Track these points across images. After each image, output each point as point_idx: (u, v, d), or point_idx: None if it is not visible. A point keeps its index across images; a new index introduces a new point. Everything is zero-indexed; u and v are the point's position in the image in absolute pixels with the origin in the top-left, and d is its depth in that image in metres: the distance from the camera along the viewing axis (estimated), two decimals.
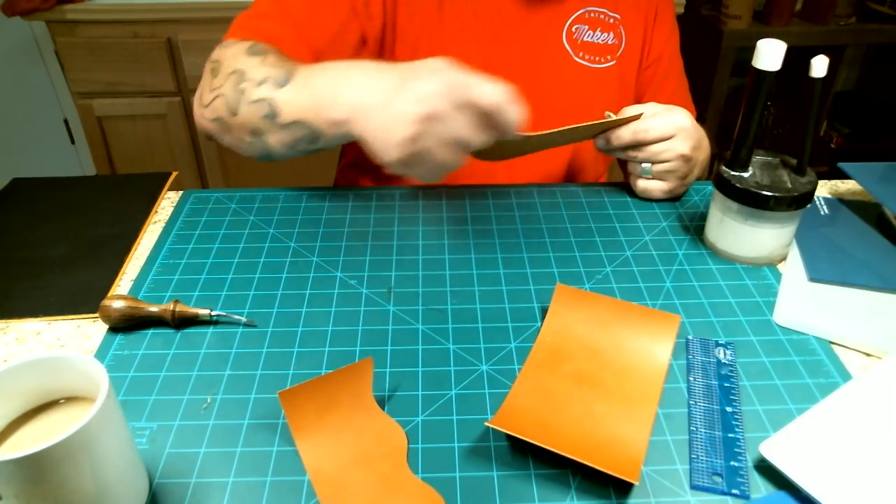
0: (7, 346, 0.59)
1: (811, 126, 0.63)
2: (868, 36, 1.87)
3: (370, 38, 0.77)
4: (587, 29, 0.84)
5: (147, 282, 0.65)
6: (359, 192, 0.79)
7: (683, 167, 0.73)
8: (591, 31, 0.84)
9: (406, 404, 0.53)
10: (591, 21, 0.84)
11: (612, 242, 0.71)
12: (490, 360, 0.57)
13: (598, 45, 0.84)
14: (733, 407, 0.52)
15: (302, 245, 0.71)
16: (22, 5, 1.50)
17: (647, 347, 0.56)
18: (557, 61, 0.84)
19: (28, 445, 0.36)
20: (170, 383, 0.55)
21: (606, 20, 0.84)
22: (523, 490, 0.46)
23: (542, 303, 0.63)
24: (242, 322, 0.61)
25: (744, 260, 0.68)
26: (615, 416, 0.51)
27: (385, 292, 0.64)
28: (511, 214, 0.75)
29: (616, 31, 0.85)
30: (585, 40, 0.84)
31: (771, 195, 0.62)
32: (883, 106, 2.13)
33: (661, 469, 0.48)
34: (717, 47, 1.82)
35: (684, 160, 0.72)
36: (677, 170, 0.73)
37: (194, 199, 0.78)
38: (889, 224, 0.73)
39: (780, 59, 0.60)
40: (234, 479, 0.47)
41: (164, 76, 1.64)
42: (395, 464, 0.48)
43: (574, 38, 0.83)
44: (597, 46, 0.84)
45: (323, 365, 0.56)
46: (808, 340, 0.59)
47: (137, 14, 1.55)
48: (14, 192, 0.80)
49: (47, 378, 0.43)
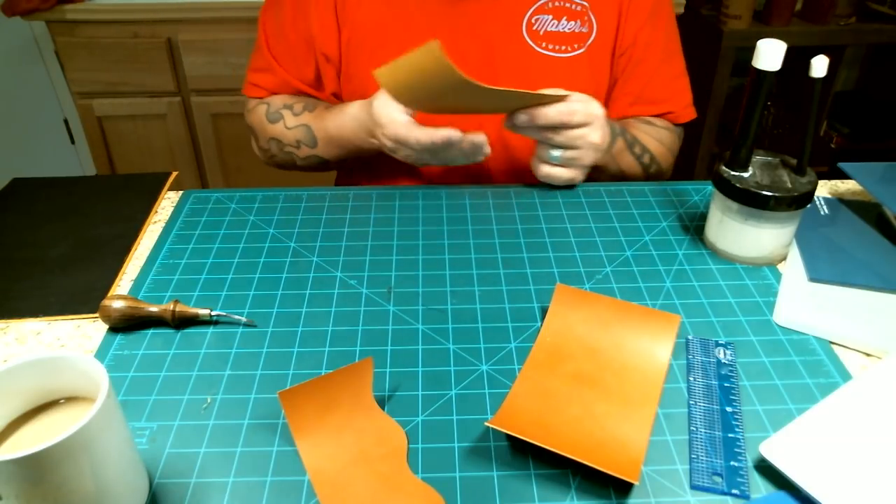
0: (7, 346, 0.59)
1: (811, 126, 0.63)
2: (868, 36, 1.87)
3: (331, 56, 0.86)
4: (551, 19, 0.83)
5: (147, 282, 0.65)
6: (359, 192, 0.79)
7: (592, 156, 0.76)
8: (556, 21, 0.84)
9: (406, 404, 0.53)
10: (554, 10, 0.83)
11: (612, 242, 0.71)
12: (490, 360, 0.57)
13: (564, 34, 0.84)
14: (733, 407, 0.52)
15: (302, 245, 0.71)
16: (22, 5, 1.50)
17: (647, 347, 0.56)
18: (519, 54, 0.84)
19: (28, 445, 0.36)
20: (170, 383, 0.55)
21: (573, 8, 0.84)
22: (523, 490, 0.46)
23: (542, 303, 0.63)
24: (242, 322, 0.61)
25: (744, 260, 0.68)
26: (615, 416, 0.51)
27: (385, 292, 0.64)
28: (511, 214, 0.75)
29: (584, 19, 0.84)
30: (549, 30, 0.83)
31: (771, 195, 0.62)
32: (883, 106, 2.13)
33: (661, 469, 0.48)
34: (717, 47, 1.81)
35: (595, 149, 0.75)
36: (585, 157, 0.76)
37: (194, 199, 0.78)
38: (889, 224, 0.73)
39: (780, 59, 0.60)
40: (234, 479, 0.47)
41: (164, 76, 1.64)
42: (395, 464, 0.48)
43: (535, 30, 0.83)
44: (563, 35, 0.84)
45: (323, 365, 0.56)
46: (808, 340, 0.59)
47: (137, 14, 1.55)
48: (14, 192, 0.80)
49: (47, 378, 0.43)
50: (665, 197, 0.79)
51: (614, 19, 0.85)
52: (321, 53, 0.86)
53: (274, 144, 0.89)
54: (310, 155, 0.87)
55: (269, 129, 0.89)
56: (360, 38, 0.84)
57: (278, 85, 0.90)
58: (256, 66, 0.92)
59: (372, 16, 0.83)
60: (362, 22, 0.83)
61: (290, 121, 0.87)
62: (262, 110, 0.90)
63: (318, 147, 0.86)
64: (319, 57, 0.87)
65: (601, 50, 0.86)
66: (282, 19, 0.87)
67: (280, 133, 0.88)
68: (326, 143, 0.85)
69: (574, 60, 0.85)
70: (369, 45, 0.84)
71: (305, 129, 0.86)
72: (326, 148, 0.85)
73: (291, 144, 0.87)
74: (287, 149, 0.88)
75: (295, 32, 0.86)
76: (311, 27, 0.85)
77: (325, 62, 0.87)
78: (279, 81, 0.90)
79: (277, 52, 0.89)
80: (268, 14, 0.89)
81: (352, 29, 0.84)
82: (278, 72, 0.89)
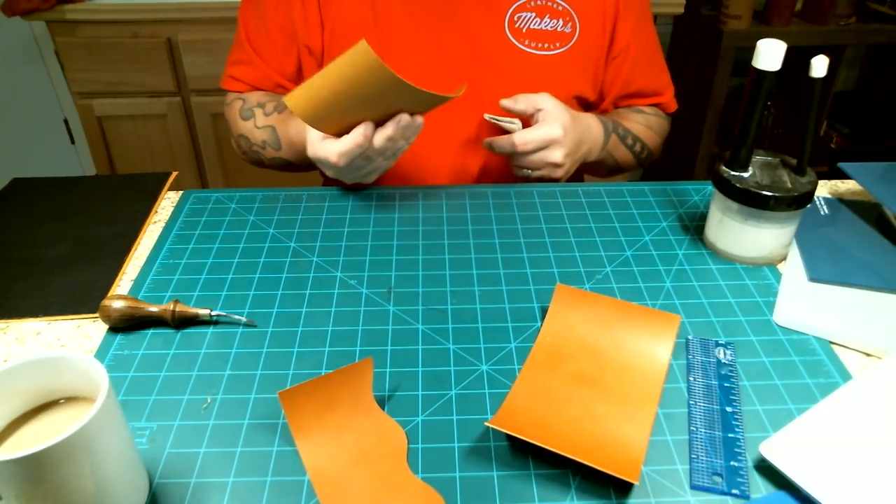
0: (7, 346, 0.59)
1: (811, 126, 0.63)
2: (868, 36, 1.87)
3: (314, 49, 0.86)
4: (534, 17, 0.84)
5: (147, 282, 0.65)
6: (359, 192, 0.79)
7: (557, 171, 0.80)
8: (539, 19, 0.84)
9: (406, 404, 0.53)
10: (537, 9, 0.84)
11: (612, 242, 0.71)
12: (490, 360, 0.57)
13: (546, 33, 0.85)
14: (733, 407, 0.52)
15: (302, 245, 0.71)
16: (22, 5, 1.50)
17: (647, 347, 0.56)
18: (501, 51, 0.84)
19: (28, 445, 0.36)
20: (170, 383, 0.55)
21: (555, 7, 0.85)
22: (523, 490, 0.46)
23: (542, 303, 0.63)
24: (242, 322, 0.61)
25: (744, 260, 0.68)
26: (615, 416, 0.51)
27: (385, 292, 0.64)
28: (511, 214, 0.75)
29: (567, 19, 0.85)
30: (532, 28, 0.84)
31: (771, 195, 0.62)
32: (883, 106, 2.13)
33: (661, 469, 0.48)
34: (717, 47, 1.81)
35: (555, 167, 0.79)
36: (553, 173, 0.80)
37: (194, 199, 0.78)
38: (889, 224, 0.73)
39: (780, 59, 0.60)
40: (234, 479, 0.47)
41: (164, 76, 1.64)
42: (395, 464, 0.48)
43: (517, 27, 0.84)
44: (545, 34, 0.85)
45: (323, 365, 0.56)
46: (808, 340, 0.59)
47: (137, 14, 1.55)
48: (14, 192, 0.80)
49: (47, 378, 0.43)
50: (665, 197, 0.79)
51: (599, 20, 0.86)
52: (304, 46, 0.86)
53: (243, 141, 0.90)
54: (275, 157, 0.88)
55: (240, 126, 0.89)
56: (343, 32, 0.84)
57: (257, 78, 0.90)
58: (235, 59, 0.91)
59: (355, 9, 0.83)
60: (345, 15, 0.83)
61: (260, 120, 0.87)
62: (238, 106, 0.90)
63: (282, 150, 0.86)
64: (302, 49, 0.86)
65: (585, 50, 0.87)
66: (263, 12, 0.86)
67: (249, 131, 0.88)
68: (289, 147, 0.85)
69: (557, 59, 0.85)
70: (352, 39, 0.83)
71: (271, 130, 0.86)
72: (290, 152, 0.86)
73: (258, 144, 0.88)
74: (254, 147, 0.89)
75: (276, 25, 0.86)
76: (294, 20, 0.85)
77: (307, 55, 0.87)
78: (259, 75, 0.90)
79: (258, 45, 0.88)
80: (248, 7, 0.89)
81: (334, 22, 0.84)
82: (258, 65, 0.89)
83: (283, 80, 0.90)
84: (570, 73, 0.87)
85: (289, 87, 0.90)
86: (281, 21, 0.86)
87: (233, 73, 0.92)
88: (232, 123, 0.91)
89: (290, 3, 0.84)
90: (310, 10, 0.84)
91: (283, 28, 0.86)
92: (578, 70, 0.87)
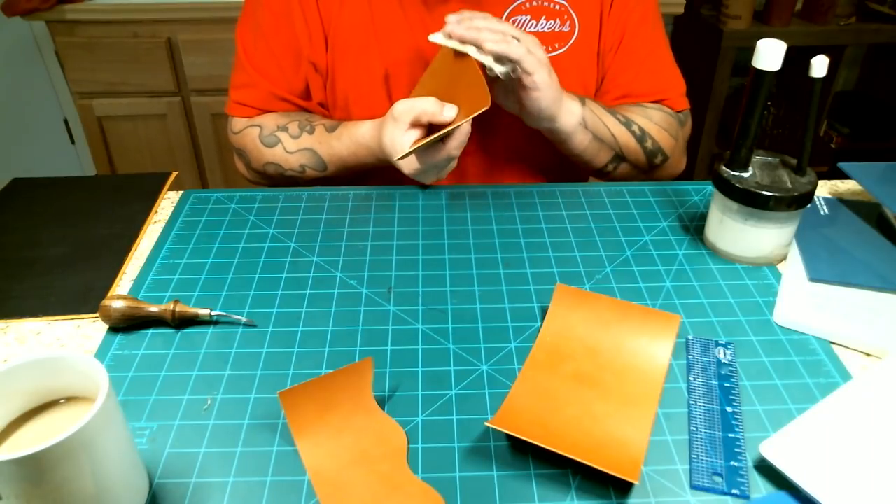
0: (7, 346, 0.59)
1: (811, 126, 0.63)
2: (868, 36, 1.87)
3: (320, 66, 0.85)
4: (529, 19, 0.83)
5: (147, 282, 0.65)
6: (359, 192, 0.79)
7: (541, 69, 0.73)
8: (535, 21, 0.83)
9: (406, 404, 0.53)
10: (532, 10, 0.83)
11: (612, 242, 0.71)
12: (490, 360, 0.57)
13: (543, 34, 0.83)
14: (733, 407, 0.52)
15: (302, 245, 0.71)
16: (22, 5, 1.50)
17: (646, 347, 0.56)
18: None
19: (28, 445, 0.36)
20: (170, 383, 0.55)
21: (552, 7, 0.83)
22: (523, 490, 0.46)
23: (542, 303, 0.63)
24: (242, 322, 0.61)
25: (744, 260, 0.68)
26: (615, 416, 0.51)
27: (385, 292, 0.64)
28: (511, 214, 0.75)
29: (565, 18, 0.84)
30: (529, 31, 0.82)
31: (771, 195, 0.62)
32: (883, 106, 2.13)
33: (661, 469, 0.48)
34: (717, 47, 1.82)
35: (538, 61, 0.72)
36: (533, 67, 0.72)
37: (194, 199, 0.79)
38: (889, 224, 0.73)
39: (780, 59, 0.60)
40: (234, 479, 0.47)
41: (164, 76, 1.64)
42: (395, 464, 0.48)
43: None
44: (542, 35, 0.83)
45: (323, 365, 0.56)
46: (808, 340, 0.59)
47: (137, 14, 1.55)
48: (14, 192, 0.80)
49: (47, 378, 0.43)
50: (665, 197, 0.79)
51: (597, 16, 0.85)
52: (309, 62, 0.85)
53: (272, 168, 0.87)
54: (317, 177, 0.86)
55: (267, 154, 0.86)
56: (343, 45, 0.83)
57: (263, 100, 0.88)
58: (238, 82, 0.89)
59: (353, 22, 0.82)
60: (345, 28, 0.83)
61: (290, 144, 0.85)
62: (255, 133, 0.87)
63: (328, 170, 0.84)
64: (308, 67, 0.85)
65: (585, 48, 0.86)
66: (264, 33, 0.85)
67: (280, 158, 0.85)
68: (338, 167, 0.84)
69: (556, 60, 0.84)
70: (353, 52, 0.84)
71: (310, 153, 0.84)
72: (337, 171, 0.84)
73: (294, 170, 0.85)
74: (288, 173, 0.86)
75: (280, 44, 0.84)
76: (297, 37, 0.83)
77: (313, 72, 0.86)
78: (264, 95, 0.88)
79: (260, 66, 0.86)
80: (244, 30, 0.87)
81: (335, 36, 0.83)
82: (262, 85, 0.87)
83: (291, 97, 0.88)
84: (570, 74, 0.86)
85: (297, 104, 0.88)
86: (284, 39, 0.84)
87: (238, 99, 0.89)
88: (253, 152, 0.88)
89: (292, 21, 0.83)
90: (313, 25, 0.83)
91: (288, 46, 0.84)
92: (580, 69, 0.86)
